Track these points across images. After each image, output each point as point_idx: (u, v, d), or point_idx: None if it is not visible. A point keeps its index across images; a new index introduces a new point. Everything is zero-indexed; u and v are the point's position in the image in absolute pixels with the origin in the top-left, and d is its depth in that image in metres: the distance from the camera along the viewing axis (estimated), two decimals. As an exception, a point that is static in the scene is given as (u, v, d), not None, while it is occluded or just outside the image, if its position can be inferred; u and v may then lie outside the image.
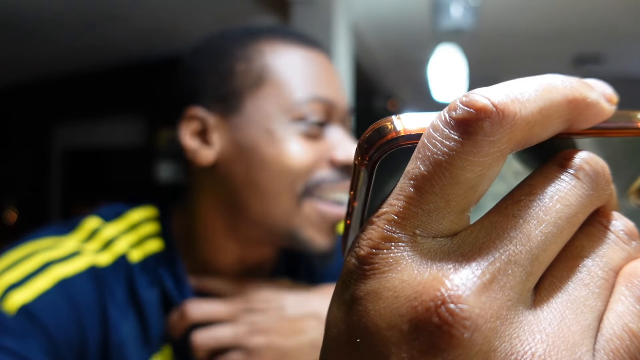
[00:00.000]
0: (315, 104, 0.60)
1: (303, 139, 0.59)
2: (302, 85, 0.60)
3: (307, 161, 0.59)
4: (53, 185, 4.51)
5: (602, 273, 0.18)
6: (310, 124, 0.59)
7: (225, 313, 0.58)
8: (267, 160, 0.58)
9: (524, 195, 0.18)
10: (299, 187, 0.58)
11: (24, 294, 0.52)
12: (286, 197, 0.58)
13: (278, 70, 0.60)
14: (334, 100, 0.61)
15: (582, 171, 0.18)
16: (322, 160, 0.60)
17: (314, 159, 0.59)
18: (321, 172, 0.60)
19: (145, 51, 3.71)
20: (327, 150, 0.60)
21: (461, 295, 0.16)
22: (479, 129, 0.16)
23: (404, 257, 0.17)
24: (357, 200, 0.20)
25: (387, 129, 0.18)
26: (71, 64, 4.03)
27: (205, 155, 0.61)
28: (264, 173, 0.58)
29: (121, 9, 3.03)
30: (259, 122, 0.59)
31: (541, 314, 0.17)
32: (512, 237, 0.17)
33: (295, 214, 0.59)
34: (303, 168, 0.58)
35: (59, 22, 3.22)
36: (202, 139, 0.61)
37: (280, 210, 0.59)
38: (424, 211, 0.17)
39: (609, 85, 0.19)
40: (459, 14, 2.63)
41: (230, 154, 0.60)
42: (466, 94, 0.17)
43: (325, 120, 0.61)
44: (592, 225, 0.19)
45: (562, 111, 0.18)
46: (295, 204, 0.59)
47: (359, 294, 0.17)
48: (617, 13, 3.17)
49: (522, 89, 0.17)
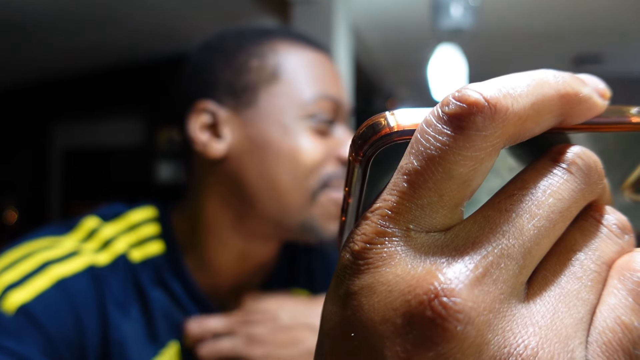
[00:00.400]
0: (325, 102, 0.62)
1: (314, 135, 0.61)
2: (313, 84, 0.62)
3: (318, 157, 0.60)
4: (53, 185, 4.51)
5: (594, 266, 0.18)
6: (320, 121, 0.61)
7: (224, 326, 0.60)
8: (281, 154, 0.59)
9: (517, 190, 0.18)
10: (312, 182, 0.60)
11: (22, 293, 0.52)
12: (300, 191, 0.60)
13: (291, 68, 0.62)
14: (340, 100, 0.64)
15: (575, 165, 0.18)
16: (330, 157, 0.61)
17: (323, 155, 0.61)
18: (330, 168, 0.61)
19: (145, 51, 3.71)
20: (335, 147, 0.62)
21: (454, 288, 0.16)
22: (471, 123, 0.16)
23: (397, 252, 0.17)
24: (351, 197, 0.20)
25: (380, 125, 0.18)
26: (71, 64, 4.04)
27: (215, 148, 0.61)
28: (279, 167, 0.59)
29: (121, 9, 3.03)
30: (273, 116, 0.60)
31: (534, 307, 0.17)
32: (505, 231, 0.17)
33: (310, 207, 0.60)
34: (315, 163, 0.60)
35: (59, 22, 3.22)
36: (213, 132, 0.62)
37: (293, 204, 0.60)
38: (418, 206, 0.17)
39: (602, 81, 0.19)
40: (459, 14, 2.63)
41: (243, 148, 0.61)
42: (458, 89, 0.17)
43: (333, 118, 0.63)
44: (585, 220, 0.19)
45: (554, 106, 0.18)
46: (309, 198, 0.60)
47: (354, 288, 0.17)
48: (617, 13, 3.17)
49: (515, 84, 0.17)
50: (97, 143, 4.37)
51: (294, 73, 0.62)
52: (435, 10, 2.68)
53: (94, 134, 4.37)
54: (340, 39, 2.72)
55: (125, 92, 4.10)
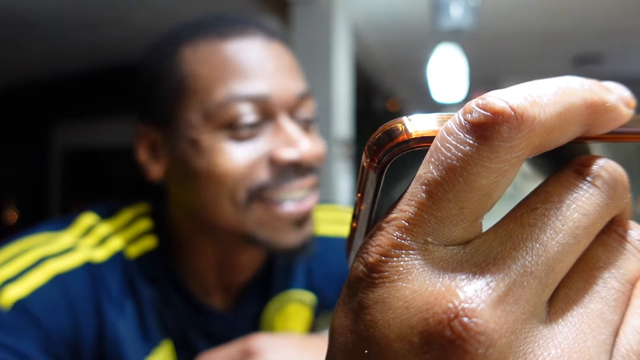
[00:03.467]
0: (241, 106, 0.55)
1: (234, 143, 0.55)
2: (227, 85, 0.55)
3: (241, 167, 0.55)
4: (53, 185, 4.51)
5: (618, 285, 0.17)
6: (242, 127, 0.55)
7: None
8: (198, 172, 0.56)
9: (540, 203, 0.17)
10: (239, 194, 0.56)
11: (19, 288, 0.52)
12: (227, 205, 0.56)
13: (198, 75, 0.56)
14: (270, 94, 0.56)
15: (600, 179, 0.17)
16: (260, 163, 0.56)
17: (249, 163, 0.56)
18: (262, 175, 0.56)
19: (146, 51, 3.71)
20: (267, 151, 0.56)
21: (475, 308, 0.15)
22: (496, 133, 0.15)
23: (414, 266, 0.16)
24: (364, 203, 0.19)
25: (397, 131, 0.17)
26: (71, 64, 4.04)
27: (154, 170, 0.61)
28: (199, 185, 0.56)
29: (121, 9, 3.03)
30: (185, 133, 0.57)
31: (556, 327, 0.16)
32: (528, 247, 0.16)
33: (244, 219, 0.57)
34: (237, 175, 0.55)
35: (59, 22, 3.22)
36: (153, 154, 0.62)
37: (226, 217, 0.57)
38: (436, 218, 0.16)
39: (626, 88, 0.19)
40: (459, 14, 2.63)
41: (170, 169, 0.60)
42: (482, 96, 0.16)
43: (262, 118, 0.56)
44: (608, 235, 0.18)
45: (581, 116, 0.17)
46: (242, 210, 0.56)
47: (367, 302, 0.16)
48: (617, 13, 3.17)
49: (541, 92, 0.16)
50: (97, 143, 4.37)
51: (201, 80, 0.56)
52: (435, 11, 2.68)
53: (94, 134, 4.38)
54: (340, 39, 2.72)
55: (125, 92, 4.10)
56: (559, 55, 4.02)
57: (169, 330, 0.62)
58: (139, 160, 0.62)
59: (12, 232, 3.71)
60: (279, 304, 0.69)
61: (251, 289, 0.68)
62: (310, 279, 0.73)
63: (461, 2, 2.62)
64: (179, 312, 0.63)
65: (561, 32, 3.52)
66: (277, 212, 0.57)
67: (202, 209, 0.58)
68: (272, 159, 0.56)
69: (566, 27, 3.42)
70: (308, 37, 2.61)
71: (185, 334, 0.63)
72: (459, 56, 3.07)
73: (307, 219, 0.60)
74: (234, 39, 0.58)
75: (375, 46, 3.87)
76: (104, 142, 4.33)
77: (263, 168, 0.56)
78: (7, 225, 4.45)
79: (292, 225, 0.58)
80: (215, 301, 0.66)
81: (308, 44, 2.58)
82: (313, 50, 2.58)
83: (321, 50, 2.62)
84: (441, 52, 3.07)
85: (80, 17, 3.15)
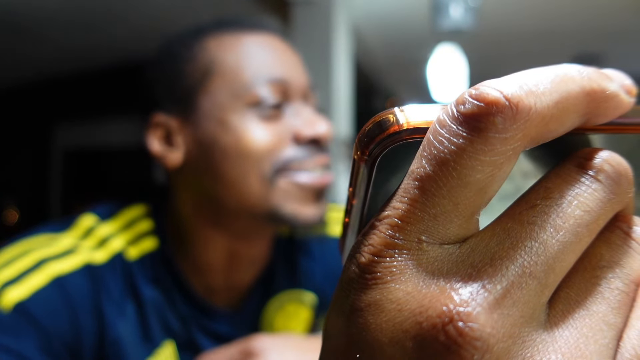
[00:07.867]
0: (268, 86, 0.60)
1: (260, 122, 0.59)
2: (250, 71, 0.60)
3: (267, 143, 0.59)
4: (53, 185, 4.51)
5: (622, 286, 0.16)
6: (266, 107, 0.60)
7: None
8: (226, 149, 0.59)
9: (540, 200, 0.16)
10: (266, 169, 0.59)
11: (19, 291, 0.53)
12: (255, 180, 0.59)
13: (225, 60, 0.61)
14: (288, 79, 0.62)
15: (604, 173, 0.16)
16: (285, 140, 0.60)
17: (274, 140, 0.59)
18: (287, 151, 0.60)
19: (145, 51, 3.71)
20: (290, 129, 0.61)
21: (471, 312, 0.14)
22: (490, 125, 0.15)
23: (408, 267, 0.16)
24: (356, 198, 0.18)
25: (389, 122, 0.17)
26: (71, 64, 4.04)
27: (173, 158, 0.62)
28: (227, 163, 0.59)
29: (121, 9, 3.03)
30: (213, 114, 0.60)
31: (556, 331, 0.15)
32: (527, 247, 0.15)
33: (270, 194, 0.59)
34: (264, 150, 0.59)
35: (59, 22, 3.22)
36: (168, 143, 0.63)
37: (253, 194, 0.59)
38: (430, 215, 0.16)
39: (627, 76, 0.17)
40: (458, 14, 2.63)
41: (195, 152, 0.61)
42: (476, 86, 0.15)
43: (283, 100, 0.61)
44: (612, 232, 0.17)
45: (580, 104, 0.16)
46: (267, 185, 0.59)
47: (360, 304, 0.16)
48: (617, 13, 3.17)
49: (537, 80, 0.16)
50: (98, 143, 4.37)
51: (228, 64, 0.61)
52: (435, 11, 2.68)
53: (94, 134, 4.37)
54: (340, 39, 2.72)
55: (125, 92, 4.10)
56: (559, 55, 4.02)
57: (172, 331, 0.62)
58: (153, 152, 0.63)
59: (12, 232, 3.70)
60: (279, 304, 0.70)
61: (256, 288, 0.68)
62: (310, 279, 0.73)
63: (461, 3, 2.62)
64: (182, 313, 0.63)
65: (561, 32, 3.51)
66: (301, 182, 0.60)
67: (227, 188, 0.59)
68: (295, 136, 0.60)
69: (566, 27, 3.42)
70: (308, 37, 2.61)
71: (189, 334, 0.63)
72: (458, 56, 3.07)
73: (325, 194, 0.63)
74: (254, 32, 0.64)
75: (375, 46, 3.86)
76: (104, 142, 4.33)
77: (287, 145, 0.60)
78: (7, 225, 4.45)
79: (314, 196, 0.61)
80: (219, 301, 0.66)
81: (308, 44, 2.58)
82: (313, 50, 2.58)
83: (321, 50, 2.62)
84: (441, 52, 3.07)
85: (80, 17, 3.15)
